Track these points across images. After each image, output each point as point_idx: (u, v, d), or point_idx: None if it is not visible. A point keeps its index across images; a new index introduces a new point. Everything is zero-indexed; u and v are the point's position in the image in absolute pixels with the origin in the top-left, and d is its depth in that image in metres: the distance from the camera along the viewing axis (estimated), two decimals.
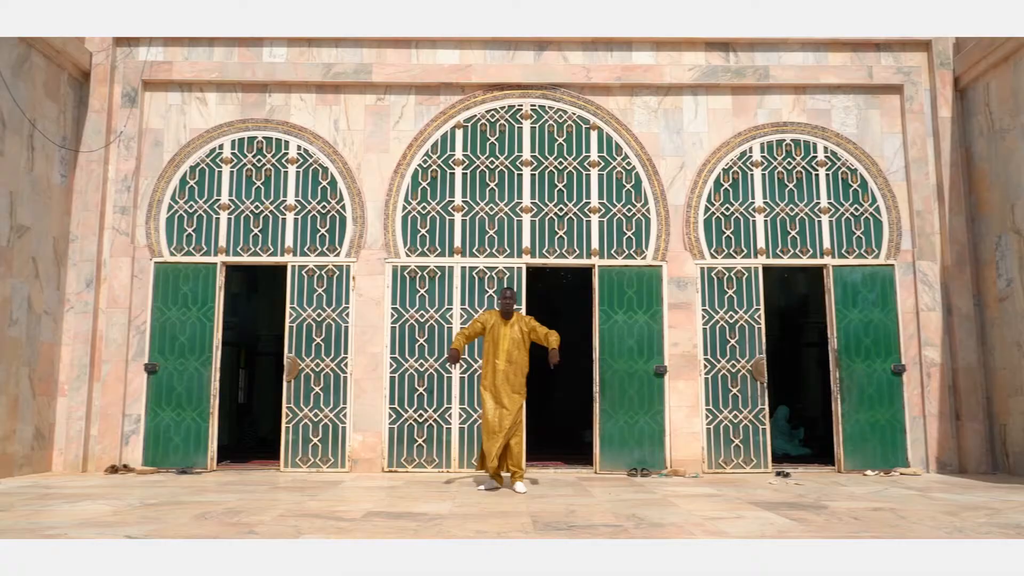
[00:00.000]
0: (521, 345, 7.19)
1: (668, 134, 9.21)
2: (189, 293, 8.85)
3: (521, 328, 7.23)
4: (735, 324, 8.90)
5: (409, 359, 8.79)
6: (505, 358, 7.12)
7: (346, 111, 9.19)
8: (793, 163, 9.18)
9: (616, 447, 8.69)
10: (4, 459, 7.80)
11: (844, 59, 9.29)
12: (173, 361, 8.75)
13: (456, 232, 9.00)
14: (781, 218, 9.09)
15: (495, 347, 7.17)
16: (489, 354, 7.19)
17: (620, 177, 9.13)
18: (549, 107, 9.24)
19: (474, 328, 7.32)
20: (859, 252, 9.02)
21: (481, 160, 9.13)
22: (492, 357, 7.16)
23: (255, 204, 9.04)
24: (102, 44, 9.06)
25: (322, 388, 8.75)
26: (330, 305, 8.87)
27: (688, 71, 9.19)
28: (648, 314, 8.89)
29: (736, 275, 8.98)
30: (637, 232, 9.04)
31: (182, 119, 9.17)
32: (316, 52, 9.25)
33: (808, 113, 9.26)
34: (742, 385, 8.82)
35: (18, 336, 8.00)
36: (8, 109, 7.85)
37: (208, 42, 9.22)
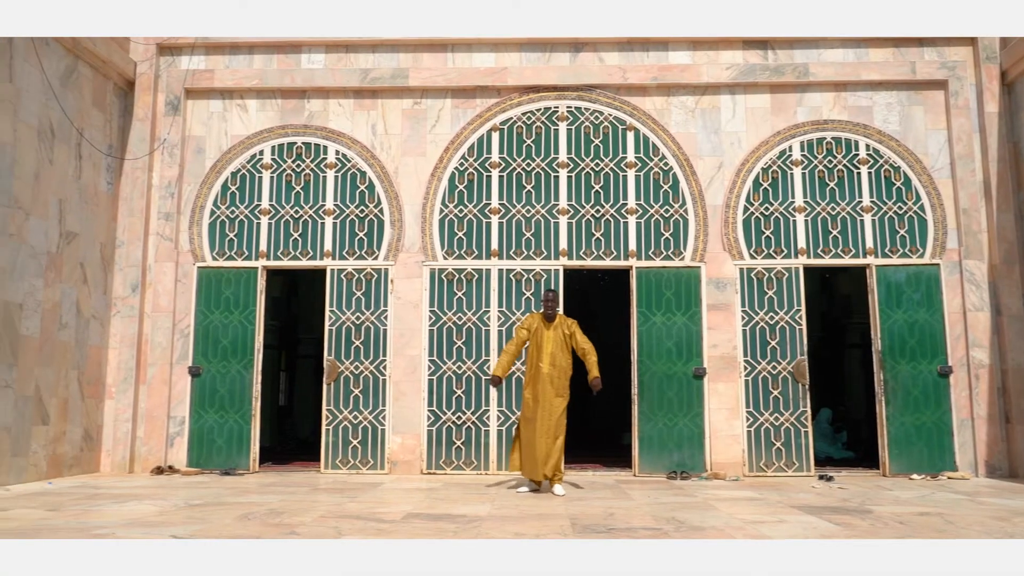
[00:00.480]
0: (564, 348, 7.17)
1: (706, 134, 9.13)
2: (231, 297, 9.00)
3: (564, 331, 7.21)
4: (776, 325, 8.79)
5: (447, 361, 8.82)
6: (549, 361, 7.11)
7: (383, 115, 9.27)
8: (834, 161, 9.04)
9: (655, 449, 8.63)
10: (54, 459, 8.00)
11: (886, 55, 9.13)
12: (216, 364, 8.90)
13: (493, 235, 9.02)
14: (822, 217, 8.95)
15: (539, 350, 7.16)
16: (533, 357, 7.18)
17: (657, 178, 9.07)
18: (585, 108, 9.21)
19: (519, 338, 7.26)
20: (903, 251, 8.85)
21: (517, 163, 9.14)
22: (536, 360, 7.15)
23: (295, 209, 9.15)
24: (146, 53, 9.25)
25: (361, 391, 8.83)
26: (369, 308, 8.95)
27: (725, 70, 9.10)
28: (687, 315, 8.81)
29: (776, 276, 8.87)
30: (675, 233, 8.97)
31: (223, 126, 9.33)
32: (353, 58, 9.34)
33: (849, 110, 9.11)
34: (783, 387, 8.71)
35: (67, 340, 8.20)
36: (57, 119, 8.06)
37: (248, 49, 9.37)
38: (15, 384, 7.43)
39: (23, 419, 7.54)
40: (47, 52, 7.92)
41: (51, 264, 7.96)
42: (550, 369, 7.08)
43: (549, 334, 7.17)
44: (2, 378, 7.25)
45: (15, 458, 7.43)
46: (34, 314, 7.70)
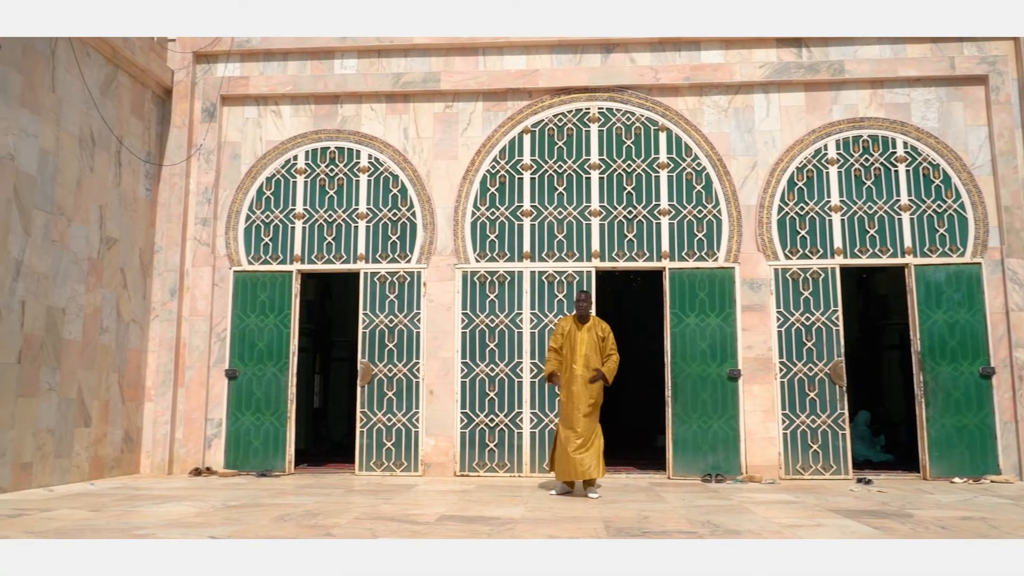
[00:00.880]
0: (598, 349, 7.15)
1: (739, 133, 9.04)
2: (267, 301, 9.11)
3: (597, 333, 7.19)
4: (811, 326, 8.68)
5: (480, 364, 8.84)
6: (582, 363, 7.09)
7: (415, 119, 9.32)
8: (871, 159, 8.90)
9: (689, 452, 8.56)
10: (96, 461, 8.16)
11: (923, 51, 8.97)
12: (252, 367, 9.02)
13: (525, 237, 9.03)
14: (859, 216, 8.82)
15: (572, 352, 7.14)
16: (567, 359, 7.17)
17: (690, 178, 9.00)
18: (617, 109, 9.18)
19: (556, 342, 7.29)
20: (943, 250, 8.68)
21: (549, 164, 9.14)
22: (570, 363, 7.13)
23: (328, 213, 9.24)
24: (183, 61, 9.41)
25: (395, 393, 8.89)
26: (402, 311, 9.00)
27: (759, 68, 9.01)
28: (720, 317, 8.74)
29: (812, 276, 8.75)
30: (708, 234, 8.90)
31: (258, 132, 9.45)
32: (385, 62, 9.41)
33: (886, 107, 8.97)
34: (820, 389, 8.59)
35: (108, 343, 8.37)
36: (97, 127, 8.23)
37: (282, 56, 9.49)
38: (59, 387, 7.59)
39: (66, 421, 7.71)
40: (88, 62, 8.09)
41: (92, 269, 8.13)
42: (583, 371, 7.07)
43: (583, 336, 7.16)
44: (46, 381, 7.42)
45: (59, 459, 7.60)
46: (76, 318, 7.87)
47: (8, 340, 6.94)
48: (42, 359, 7.37)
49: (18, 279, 7.07)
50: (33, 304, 7.26)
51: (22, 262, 7.12)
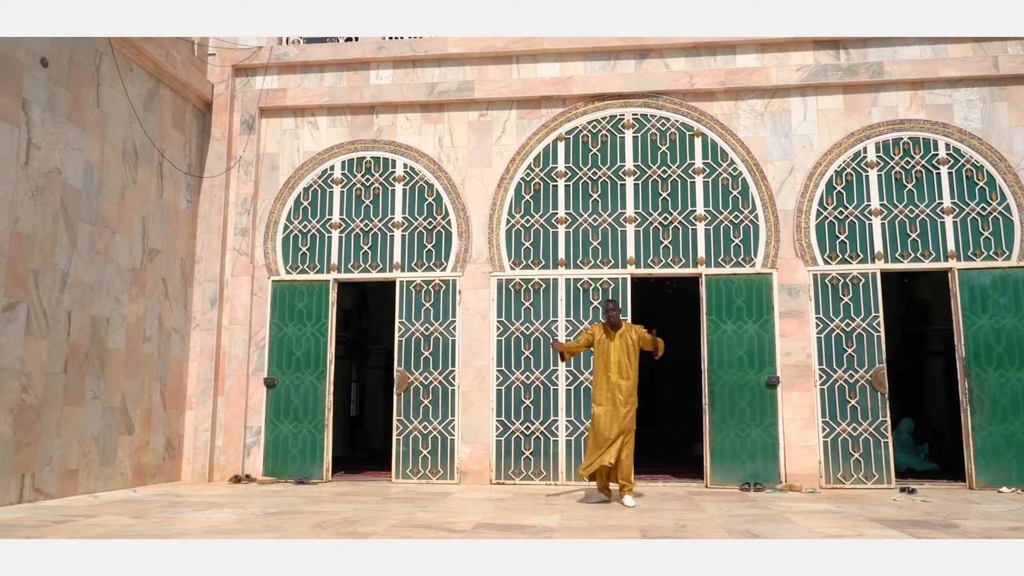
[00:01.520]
0: (631, 355, 7.12)
1: (775, 137, 8.94)
2: (304, 309, 9.21)
3: (630, 338, 7.16)
4: (852, 332, 8.53)
5: (515, 371, 8.84)
6: (616, 370, 7.07)
7: (450, 128, 9.38)
8: (912, 162, 8.75)
9: (727, 460, 8.46)
10: (139, 468, 8.32)
11: (966, 50, 8.79)
12: (290, 375, 9.12)
13: (560, 244, 9.02)
14: (900, 220, 8.66)
15: (605, 360, 7.13)
16: (600, 368, 7.16)
17: (726, 183, 8.92)
18: (651, 115, 9.14)
19: (583, 340, 7.34)
20: (987, 254, 8.49)
21: (583, 171, 9.12)
22: (603, 371, 7.12)
23: (364, 222, 9.33)
24: (223, 75, 9.58)
25: (431, 401, 8.92)
26: (437, 319, 9.04)
27: (796, 72, 8.90)
28: (758, 323, 8.63)
29: (852, 281, 8.61)
30: (745, 239, 8.81)
31: (295, 143, 9.58)
32: (420, 72, 9.49)
33: (927, 109, 8.81)
34: (861, 396, 8.44)
35: (151, 352, 8.53)
36: (140, 141, 8.41)
37: (319, 68, 9.61)
38: (103, 395, 7.76)
39: (110, 429, 7.87)
40: (131, 78, 8.28)
41: (135, 280, 8.30)
42: (617, 378, 7.05)
43: (615, 343, 7.14)
44: (91, 390, 7.59)
45: (103, 467, 7.75)
46: (120, 328, 8.03)
47: (55, 350, 7.11)
48: (87, 368, 7.54)
49: (64, 290, 7.24)
50: (79, 314, 7.43)
51: (68, 273, 7.30)
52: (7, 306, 6.55)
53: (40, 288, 6.94)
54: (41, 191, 6.98)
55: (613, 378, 7.05)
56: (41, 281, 6.95)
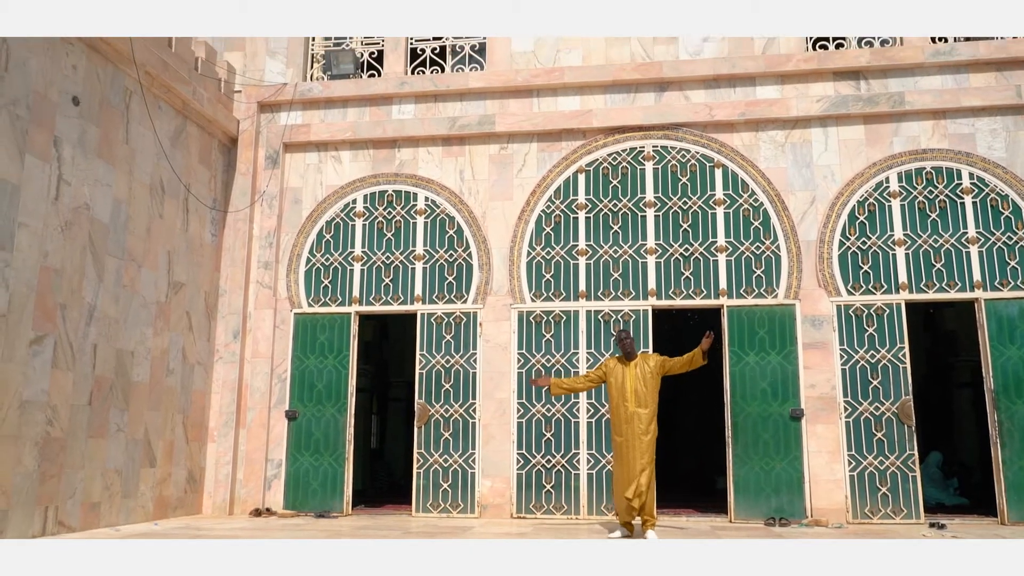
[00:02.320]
0: (648, 383, 7.02)
1: (796, 168, 8.93)
2: (326, 342, 9.25)
3: (647, 365, 7.08)
4: (877, 364, 8.42)
5: (536, 404, 8.80)
6: (633, 399, 6.99)
7: (471, 161, 9.45)
8: (935, 192, 8.69)
9: (751, 495, 8.33)
10: (160, 501, 8.33)
11: (988, 79, 8.76)
12: (311, 408, 9.14)
13: (580, 276, 9.01)
14: (924, 250, 8.58)
15: (621, 390, 7.06)
16: (616, 399, 7.09)
17: (747, 214, 8.90)
18: (671, 147, 9.17)
19: (595, 374, 7.30)
20: (1015, 284, 8.37)
21: (604, 203, 9.14)
22: (620, 401, 7.05)
23: (386, 255, 9.39)
24: (248, 111, 9.74)
25: (451, 434, 8.89)
26: (458, 351, 9.04)
27: (816, 102, 8.91)
28: (781, 355, 8.55)
29: (876, 312, 8.52)
30: (767, 270, 8.76)
31: (319, 177, 9.70)
32: (442, 106, 9.59)
33: (950, 138, 8.76)
34: (887, 429, 8.30)
35: (174, 385, 8.59)
36: (167, 176, 8.55)
37: (342, 103, 9.75)
38: (127, 428, 7.80)
39: (133, 462, 7.90)
40: (159, 115, 8.44)
41: (160, 313, 8.39)
42: (635, 407, 6.97)
43: (630, 371, 7.07)
44: (115, 422, 7.64)
45: (125, 499, 7.78)
46: (144, 361, 8.10)
47: (80, 383, 7.17)
48: (112, 401, 7.60)
49: (91, 323, 7.33)
50: (104, 347, 7.51)
51: (95, 307, 7.39)
52: (35, 339, 6.64)
53: (67, 321, 7.03)
54: (70, 226, 7.10)
55: (630, 407, 6.97)
56: (68, 315, 7.04)
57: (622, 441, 6.97)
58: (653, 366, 7.08)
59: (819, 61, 8.95)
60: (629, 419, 6.95)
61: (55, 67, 6.98)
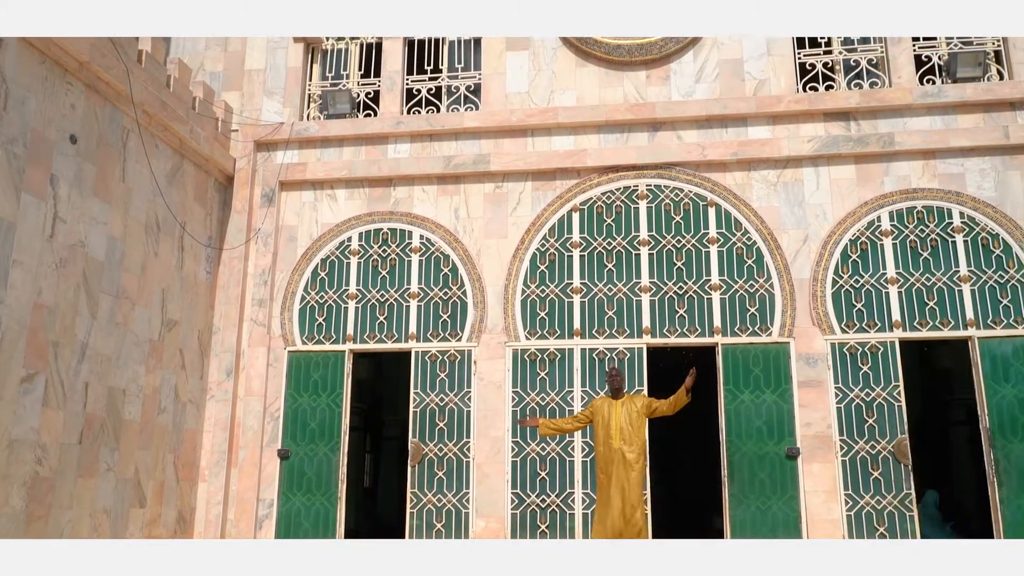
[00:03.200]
0: (635, 422, 7.02)
1: (789, 207, 9.00)
2: (319, 380, 9.21)
3: (634, 404, 7.09)
4: (872, 402, 8.41)
5: (531, 443, 8.74)
6: (618, 436, 6.97)
7: (466, 200, 9.51)
8: (926, 231, 8.75)
9: (748, 535, 8.25)
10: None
11: (976, 120, 8.88)
12: (304, 447, 9.06)
13: (575, 314, 9.02)
14: (917, 289, 8.62)
15: (607, 428, 7.04)
16: (602, 436, 7.06)
17: (740, 253, 8.95)
18: (665, 186, 9.24)
19: (583, 416, 7.31)
20: (1008, 322, 8.40)
21: (598, 242, 9.19)
22: (605, 438, 7.03)
23: (381, 293, 9.39)
24: (245, 150, 9.81)
25: (445, 473, 8.81)
26: (452, 390, 9.00)
27: (807, 143, 9.01)
28: (776, 393, 8.53)
29: (870, 350, 8.53)
30: (761, 308, 8.78)
31: (314, 215, 9.74)
32: (437, 146, 9.68)
33: (940, 178, 8.85)
34: (884, 468, 8.26)
35: (165, 424, 8.51)
36: (163, 214, 8.58)
37: (338, 142, 9.83)
38: (116, 467, 7.72)
39: (122, 502, 7.80)
40: (156, 153, 8.50)
41: (152, 351, 8.35)
42: (620, 444, 6.95)
43: (617, 410, 7.07)
44: (105, 462, 7.56)
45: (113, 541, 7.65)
46: (136, 399, 8.05)
47: (71, 421, 7.11)
48: (102, 440, 7.52)
49: (83, 361, 7.29)
50: (96, 385, 7.46)
51: (87, 344, 7.36)
52: (25, 377, 6.59)
53: (59, 359, 6.99)
54: (64, 263, 7.10)
55: (615, 444, 6.95)
56: (60, 352, 7.01)
57: (606, 479, 6.96)
58: (640, 406, 7.08)
59: (809, 102, 9.08)
60: (614, 457, 6.93)
61: (54, 106, 7.04)
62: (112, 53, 7.64)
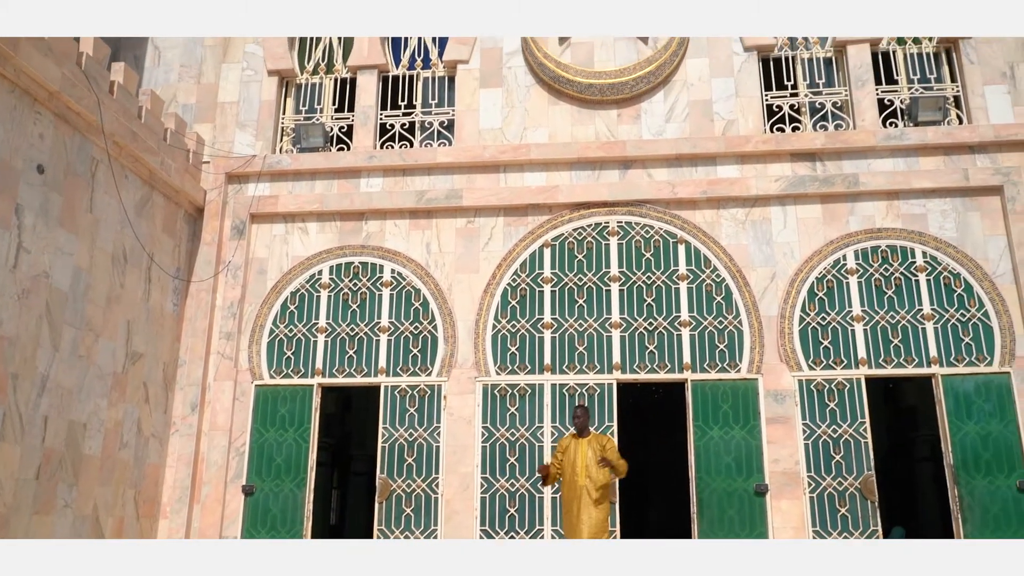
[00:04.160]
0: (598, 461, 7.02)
1: (757, 245, 9.13)
2: (287, 415, 9.08)
3: (598, 444, 7.07)
4: (839, 439, 8.48)
5: (500, 479, 8.68)
6: (584, 473, 6.93)
7: (438, 234, 9.52)
8: (891, 269, 8.92)
9: None
10: None
11: (937, 163, 9.12)
12: (269, 483, 8.90)
13: (546, 349, 9.03)
14: (882, 326, 8.76)
15: (573, 466, 6.99)
16: (568, 474, 7.00)
17: (710, 290, 9.04)
18: (635, 223, 9.34)
19: (557, 457, 7.23)
20: (969, 360, 8.55)
21: (569, 277, 9.24)
22: (571, 475, 6.98)
23: (351, 327, 9.33)
24: (216, 182, 9.77)
25: (413, 509, 8.70)
26: (422, 425, 8.93)
27: (775, 182, 9.18)
28: (745, 429, 8.57)
29: (837, 387, 8.62)
30: (730, 345, 8.85)
31: (285, 248, 9.68)
32: (409, 180, 9.71)
33: (903, 218, 9.05)
34: (851, 504, 8.31)
35: (127, 459, 8.33)
36: (130, 245, 8.48)
37: (310, 175, 9.82)
38: (74, 504, 7.52)
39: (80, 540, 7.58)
40: (126, 184, 8.42)
41: (116, 384, 8.19)
42: (586, 481, 6.90)
43: (583, 448, 7.04)
44: (63, 498, 7.36)
45: None
46: (97, 433, 7.87)
47: (28, 456, 6.93)
48: (60, 475, 7.33)
49: (43, 394, 7.13)
50: (55, 419, 7.29)
51: (48, 377, 7.20)
52: None
53: (18, 392, 6.83)
54: (27, 294, 6.97)
55: (580, 481, 6.87)
56: (20, 385, 6.85)
57: (572, 517, 6.89)
58: (606, 447, 7.06)
59: (777, 143, 9.27)
60: (579, 494, 6.89)
61: (21, 135, 6.97)
62: (83, 83, 7.61)
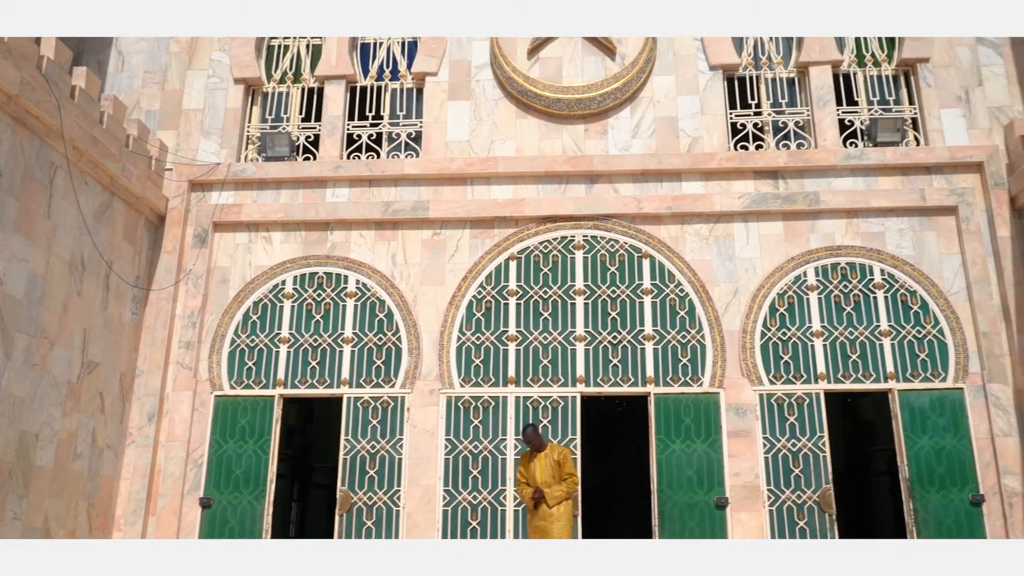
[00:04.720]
0: (556, 473, 7.19)
1: (720, 260, 9.24)
2: (247, 426, 8.95)
3: (554, 456, 7.22)
4: (798, 452, 8.59)
5: (462, 491, 8.64)
6: (544, 485, 7.11)
7: (403, 246, 9.49)
8: (849, 286, 9.09)
9: None
10: None
11: (895, 183, 9.32)
12: (228, 495, 8.76)
13: (510, 362, 9.02)
14: (840, 342, 8.91)
15: (532, 480, 7.26)
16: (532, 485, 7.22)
17: (673, 304, 9.12)
18: (601, 237, 9.40)
19: (521, 475, 7.39)
20: (925, 375, 8.73)
21: (535, 290, 9.26)
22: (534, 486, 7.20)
23: (314, 337, 9.24)
24: (178, 189, 9.63)
25: (374, 522, 8.62)
26: (384, 436, 8.86)
27: (738, 199, 9.31)
28: (707, 443, 8.65)
29: (797, 401, 8.74)
30: (693, 359, 8.93)
31: (248, 257, 9.57)
32: (376, 191, 9.67)
33: (862, 236, 9.23)
34: (809, 517, 8.41)
35: (80, 470, 8.14)
36: (88, 253, 8.32)
37: (275, 185, 9.73)
38: (24, 516, 7.32)
39: None
40: (85, 191, 8.27)
41: (71, 394, 8.01)
42: (547, 490, 7.08)
43: (540, 463, 7.25)
44: (12, 510, 7.16)
45: None
46: (49, 444, 7.68)
47: None
48: (10, 487, 7.14)
49: None
50: (6, 429, 7.10)
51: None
52: None
53: None
54: None
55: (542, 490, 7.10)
56: None
57: (534, 530, 7.12)
58: (559, 459, 7.17)
59: (740, 160, 9.41)
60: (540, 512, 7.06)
61: None
62: (43, 87, 7.47)
